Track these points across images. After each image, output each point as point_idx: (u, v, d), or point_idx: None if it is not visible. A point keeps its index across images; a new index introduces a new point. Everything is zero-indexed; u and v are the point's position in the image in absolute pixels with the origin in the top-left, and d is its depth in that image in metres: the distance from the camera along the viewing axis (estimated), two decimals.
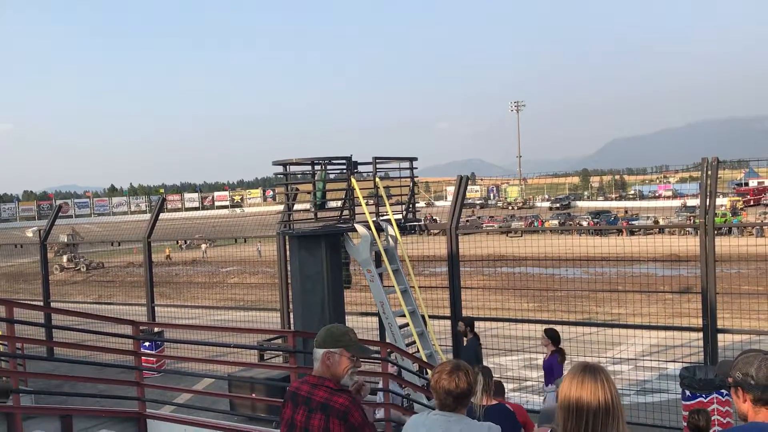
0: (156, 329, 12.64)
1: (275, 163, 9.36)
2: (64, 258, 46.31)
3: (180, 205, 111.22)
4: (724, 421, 7.56)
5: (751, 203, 58.62)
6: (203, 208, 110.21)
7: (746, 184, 70.80)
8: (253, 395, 9.27)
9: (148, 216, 14.39)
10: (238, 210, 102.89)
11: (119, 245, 21.55)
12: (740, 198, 58.64)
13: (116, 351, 8.14)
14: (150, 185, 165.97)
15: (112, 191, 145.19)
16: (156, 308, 14.19)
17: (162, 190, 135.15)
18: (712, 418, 7.29)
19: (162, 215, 14.23)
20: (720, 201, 49.23)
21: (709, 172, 8.63)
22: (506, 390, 7.59)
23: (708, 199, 8.59)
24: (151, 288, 13.88)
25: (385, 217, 9.58)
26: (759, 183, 71.76)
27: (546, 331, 8.20)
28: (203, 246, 41.67)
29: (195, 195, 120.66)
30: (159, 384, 9.46)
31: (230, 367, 10.85)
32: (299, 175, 10.23)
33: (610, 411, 2.43)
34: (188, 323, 14.40)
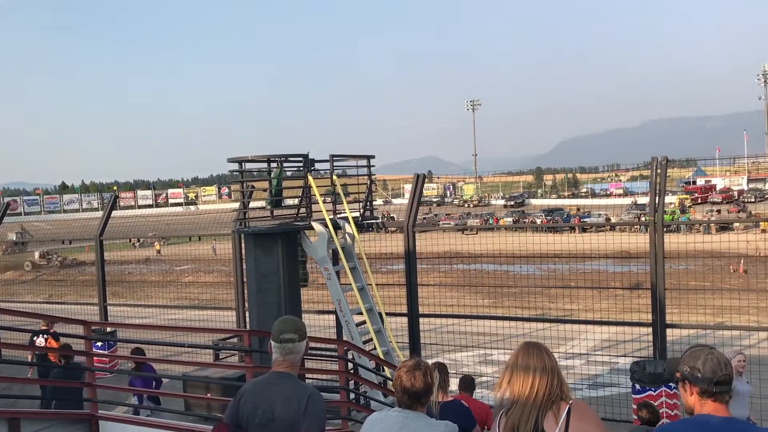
0: (108, 329, 12.40)
1: (230, 160, 9.26)
2: (36, 254, 44.80)
3: (133, 203, 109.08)
4: (672, 414, 7.79)
5: (699, 201, 60.23)
6: (157, 205, 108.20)
7: (694, 183, 72.79)
8: (209, 395, 9.17)
9: (100, 214, 14.11)
10: (192, 207, 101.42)
11: (70, 243, 21.05)
12: (688, 196, 60.22)
13: (67, 351, 7.96)
14: (102, 182, 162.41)
15: (63, 189, 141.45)
16: (108, 308, 13.93)
17: (115, 188, 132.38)
18: (661, 410, 7.51)
19: (115, 213, 13.97)
20: (669, 199, 50.52)
21: (659, 171, 8.85)
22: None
23: (657, 198, 8.81)
24: (104, 287, 13.60)
25: (342, 215, 9.57)
26: (706, 181, 73.82)
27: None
28: (155, 244, 40.93)
29: (148, 192, 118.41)
30: (112, 385, 9.28)
31: (185, 366, 10.71)
32: (255, 173, 10.14)
33: (555, 371, 2.89)
34: (142, 323, 14.16)
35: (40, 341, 9.55)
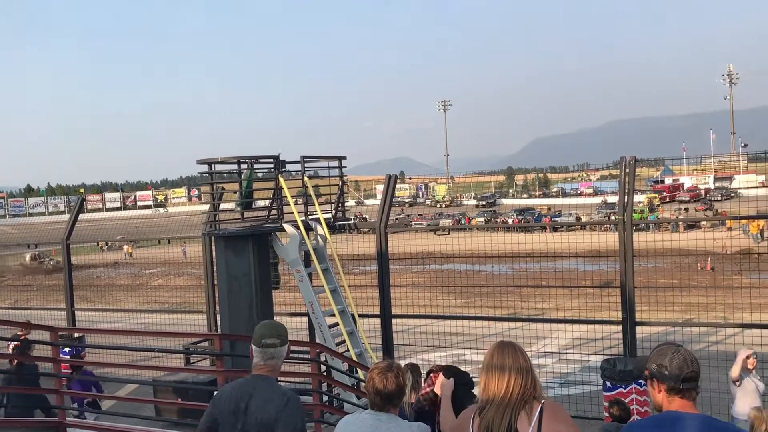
0: (76, 334, 12.19)
1: (200, 162, 9.16)
2: (27, 257, 43.41)
3: (101, 206, 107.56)
4: (642, 410, 7.87)
5: (667, 200, 61.17)
6: (125, 208, 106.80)
7: (662, 182, 73.89)
8: (179, 400, 9.06)
9: (67, 217, 13.87)
10: (161, 210, 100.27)
11: (36, 247, 20.66)
12: (657, 195, 61.12)
13: (33, 358, 7.80)
14: (69, 185, 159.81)
15: (29, 191, 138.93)
16: (76, 312, 13.70)
17: (82, 190, 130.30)
18: (631, 407, 7.58)
19: (82, 216, 13.75)
20: (638, 198, 51.25)
21: (627, 170, 8.96)
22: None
23: (626, 197, 8.91)
24: (71, 291, 13.37)
25: (314, 217, 9.52)
26: (674, 180, 74.99)
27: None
28: (125, 247, 40.33)
29: (116, 195, 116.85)
30: (80, 391, 9.11)
31: (155, 371, 10.57)
32: (225, 174, 10.05)
33: (529, 371, 2.94)
34: (111, 327, 13.94)
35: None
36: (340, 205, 10.27)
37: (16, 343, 8.22)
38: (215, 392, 3.57)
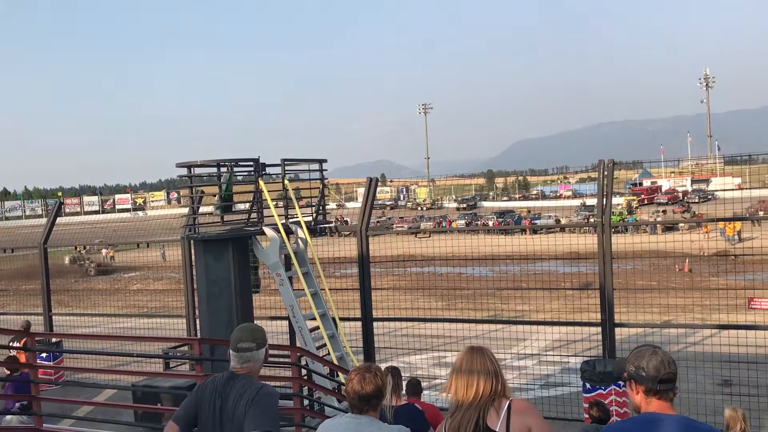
0: (54, 339, 12.04)
1: (179, 165, 9.10)
2: (66, 259, 41.70)
3: (79, 209, 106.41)
4: (622, 412, 7.94)
5: (645, 202, 61.77)
6: (104, 211, 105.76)
7: (640, 184, 74.62)
8: (159, 405, 8.97)
9: (44, 221, 13.71)
10: (141, 213, 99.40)
11: (12, 252, 20.38)
12: (635, 197, 61.70)
13: (9, 364, 7.69)
14: (46, 188, 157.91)
15: (5, 195, 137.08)
16: (54, 317, 13.54)
17: (59, 194, 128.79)
18: (611, 409, 7.64)
19: (59, 219, 13.60)
20: (616, 200, 51.72)
21: (606, 173, 9.04)
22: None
23: (605, 199, 9.00)
24: (48, 296, 13.22)
25: (294, 220, 9.49)
26: (652, 183, 75.77)
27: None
28: (104, 251, 39.80)
29: (95, 198, 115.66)
30: (57, 397, 9.01)
31: (134, 376, 10.47)
32: (205, 177, 10.00)
33: (498, 374, 3.02)
34: (89, 332, 13.80)
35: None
36: (320, 208, 10.26)
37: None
38: (197, 384, 3.64)
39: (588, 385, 8.28)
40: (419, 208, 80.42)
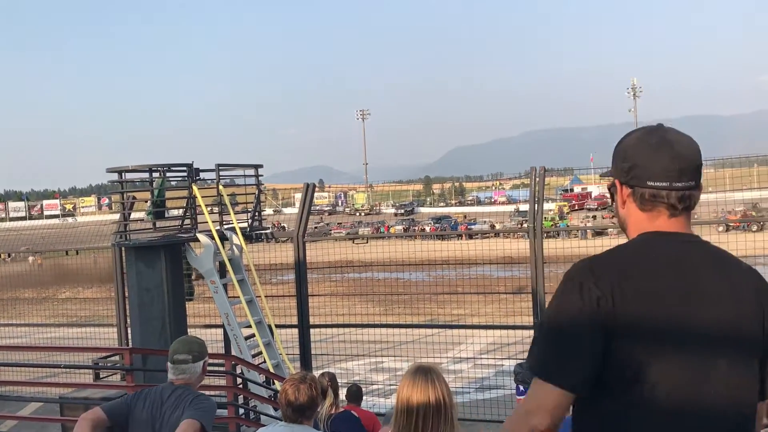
0: None
1: (109, 170, 8.88)
2: None
3: (4, 215, 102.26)
4: None
5: (576, 208, 63.44)
6: (31, 218, 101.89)
7: (572, 190, 76.64)
8: None
9: None
10: (70, 219, 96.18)
11: None
12: (567, 203, 63.28)
13: None
14: None
15: None
16: None
17: None
18: None
19: None
20: (549, 206, 52.93)
21: (537, 180, 9.27)
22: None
23: (536, 205, 9.21)
24: None
25: (229, 226, 9.37)
26: (582, 189, 77.90)
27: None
28: (30, 258, 38.37)
29: (21, 204, 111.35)
30: None
31: (62, 388, 10.10)
32: (137, 183, 9.77)
33: (441, 409, 2.48)
34: (13, 343, 13.27)
35: None
36: (256, 214, 10.16)
37: None
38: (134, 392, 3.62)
39: (521, 388, 8.40)
40: (357, 214, 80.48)
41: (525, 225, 9.50)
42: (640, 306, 1.69)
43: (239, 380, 8.19)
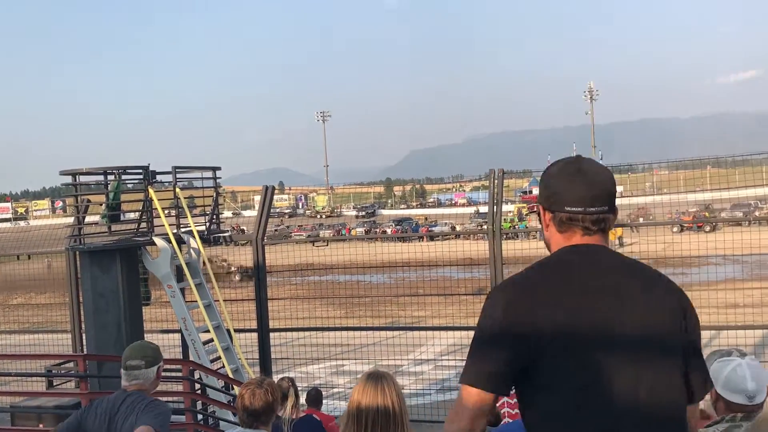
0: None
1: (63, 173, 8.69)
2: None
3: None
4: (513, 413, 8.19)
5: (535, 209, 64.03)
6: None
7: (530, 192, 77.51)
8: (41, 426, 8.47)
9: None
10: (22, 223, 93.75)
11: None
12: (525, 205, 63.99)
13: None
14: None
15: None
16: None
17: None
18: (503, 411, 7.87)
19: None
20: (508, 208, 53.45)
21: (496, 182, 9.35)
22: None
23: (495, 207, 9.29)
24: None
25: (186, 229, 9.24)
26: None
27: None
28: None
29: None
30: None
31: (13, 396, 9.82)
32: (92, 186, 9.58)
33: (390, 415, 2.50)
34: None
35: None
36: (214, 216, 10.04)
37: None
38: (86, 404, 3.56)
39: None
40: (318, 216, 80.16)
41: (485, 227, 9.57)
42: (558, 315, 1.83)
43: (197, 386, 8.08)
